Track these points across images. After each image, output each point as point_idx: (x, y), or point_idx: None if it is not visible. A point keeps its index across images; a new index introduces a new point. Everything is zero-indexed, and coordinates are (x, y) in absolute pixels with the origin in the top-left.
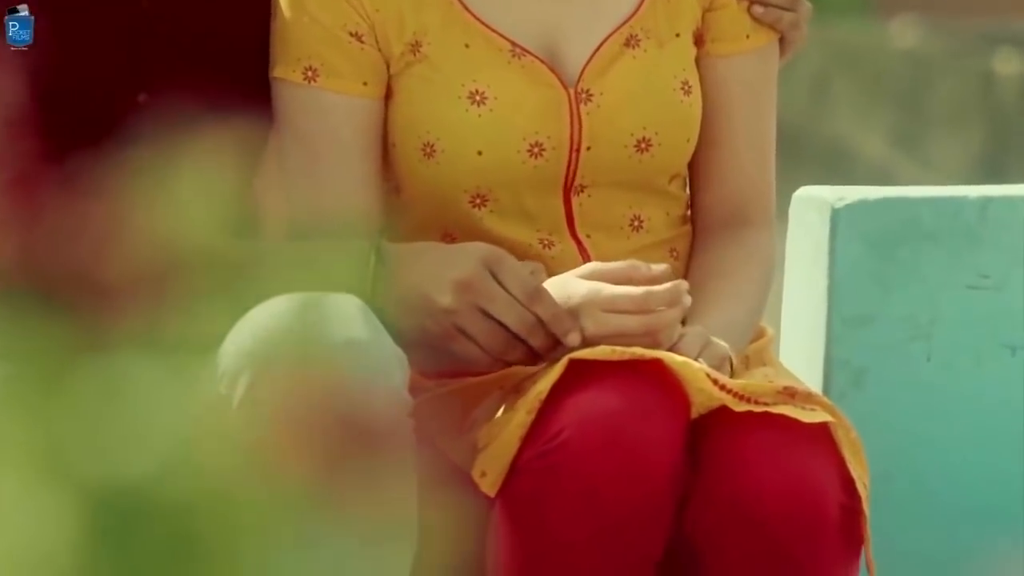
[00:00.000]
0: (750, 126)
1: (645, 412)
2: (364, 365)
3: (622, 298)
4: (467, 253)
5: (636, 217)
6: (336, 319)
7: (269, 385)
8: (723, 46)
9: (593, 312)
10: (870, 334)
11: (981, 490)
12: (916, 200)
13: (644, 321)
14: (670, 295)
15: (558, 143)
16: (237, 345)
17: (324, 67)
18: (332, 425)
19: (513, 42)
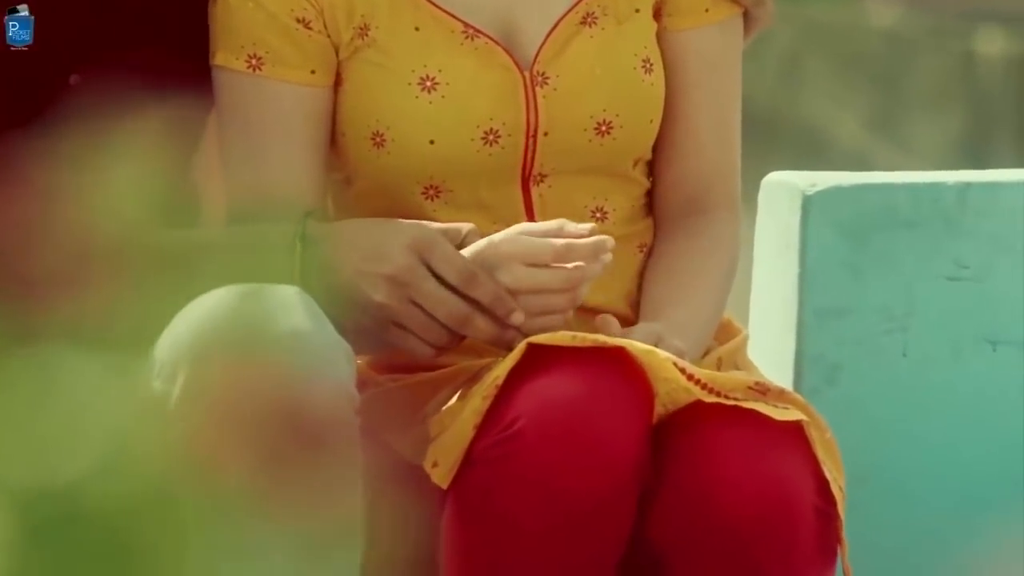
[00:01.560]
0: (711, 104)
1: (606, 400)
2: (308, 358)
3: (543, 250)
4: (396, 242)
5: (599, 208)
6: (278, 310)
7: (208, 380)
8: (681, 19)
9: (512, 265)
10: (844, 327)
11: (961, 491)
12: (892, 186)
13: (563, 275)
14: (592, 249)
15: (514, 129)
16: (174, 339)
17: (269, 55)
18: (274, 422)
19: (465, 23)
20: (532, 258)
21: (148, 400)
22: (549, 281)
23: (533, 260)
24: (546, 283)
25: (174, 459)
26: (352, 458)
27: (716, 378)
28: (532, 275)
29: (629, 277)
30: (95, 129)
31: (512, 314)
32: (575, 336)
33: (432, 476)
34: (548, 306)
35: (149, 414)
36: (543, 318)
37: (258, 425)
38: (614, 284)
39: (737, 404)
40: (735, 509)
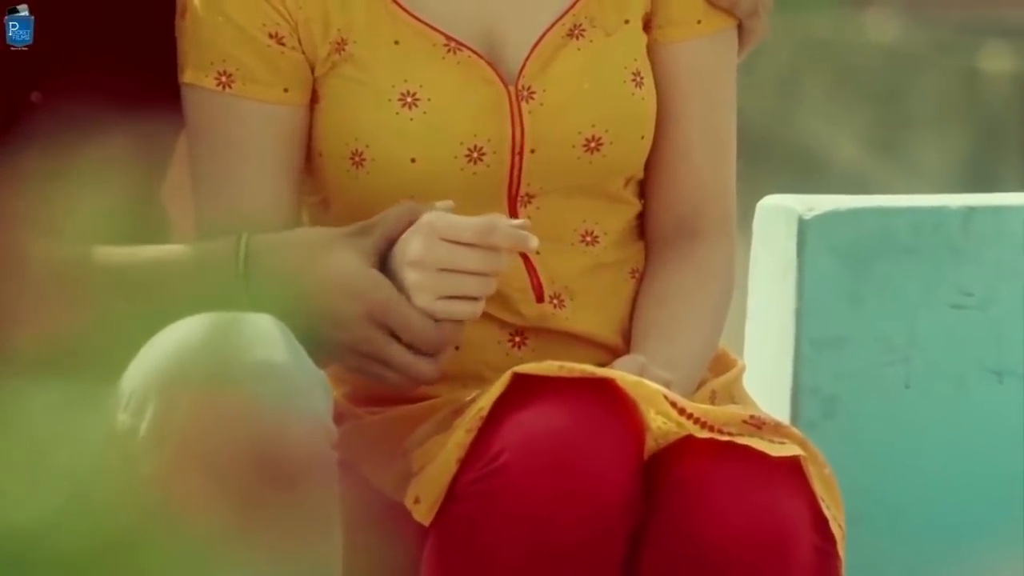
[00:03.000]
0: (703, 121)
1: (595, 433)
2: (282, 390)
3: (463, 228)
4: (349, 311)
5: (589, 232)
6: (251, 339)
7: (178, 413)
8: (672, 31)
9: (431, 240)
10: (842, 358)
11: (966, 528)
12: (893, 210)
13: (478, 256)
14: (514, 235)
15: (499, 146)
16: (142, 369)
17: (240, 72)
18: (247, 458)
19: (447, 35)
20: (451, 234)
21: (113, 434)
22: (462, 259)
23: (451, 236)
24: (458, 261)
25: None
26: (329, 496)
27: (709, 412)
28: (449, 251)
29: (621, 305)
30: (57, 150)
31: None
32: (562, 366)
33: (414, 513)
34: (459, 288)
35: (114, 449)
36: (451, 302)
37: (230, 462)
38: (605, 312)
39: (731, 439)
40: (729, 549)
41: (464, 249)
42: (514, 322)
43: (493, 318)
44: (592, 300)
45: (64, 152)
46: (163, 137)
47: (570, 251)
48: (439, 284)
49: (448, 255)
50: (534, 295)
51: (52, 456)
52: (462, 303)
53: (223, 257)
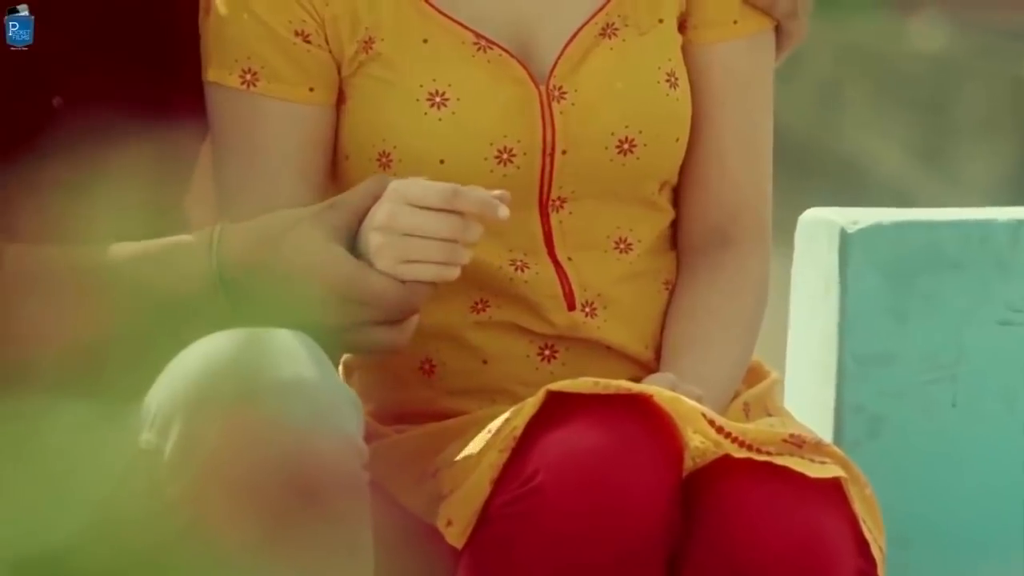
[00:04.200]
0: (737, 126)
1: (631, 452)
2: (312, 408)
3: (429, 192)
4: (317, 289)
5: (623, 239)
6: (279, 356)
7: (205, 432)
8: (707, 32)
9: (396, 204)
10: (887, 376)
11: (1012, 552)
12: (939, 224)
13: (442, 221)
14: (479, 200)
15: (529, 147)
16: (168, 387)
17: (265, 70)
18: (277, 478)
19: (477, 33)
20: (417, 199)
21: (137, 454)
22: (425, 224)
23: (417, 201)
24: (421, 226)
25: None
26: (360, 516)
27: (747, 431)
28: (412, 214)
29: (653, 317)
30: (79, 156)
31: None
32: (597, 383)
33: (447, 535)
34: (421, 252)
35: (138, 469)
36: (415, 265)
37: (258, 481)
38: (637, 323)
39: (770, 459)
40: (769, 571)
41: (429, 213)
42: (544, 332)
43: (522, 330)
44: (624, 310)
45: (86, 158)
46: (186, 144)
47: (603, 258)
48: (401, 247)
49: (411, 219)
50: (565, 303)
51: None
52: (426, 265)
53: (197, 250)
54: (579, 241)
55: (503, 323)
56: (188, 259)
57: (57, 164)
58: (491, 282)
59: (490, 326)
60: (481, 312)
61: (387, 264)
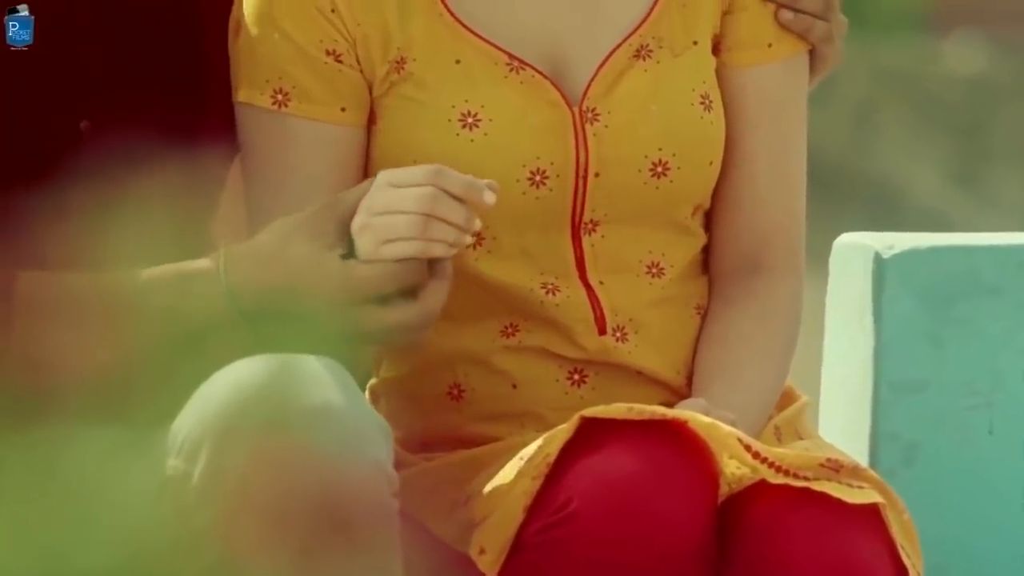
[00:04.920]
0: (771, 150)
1: (666, 478)
2: (341, 435)
3: (414, 173)
4: (320, 299)
5: (655, 264)
6: (308, 382)
7: (234, 459)
8: (742, 54)
9: (379, 188)
10: (923, 403)
11: None
12: (976, 248)
13: (412, 193)
14: (463, 181)
15: (562, 169)
16: (196, 413)
17: (296, 90)
18: (306, 506)
19: (510, 54)
20: (400, 180)
21: (164, 481)
22: (401, 201)
23: (401, 182)
24: (398, 203)
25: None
26: (390, 544)
27: (784, 456)
28: (391, 193)
29: (684, 342)
30: (106, 179)
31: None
32: (632, 408)
33: (479, 564)
34: (396, 229)
35: (165, 496)
36: (394, 244)
37: (288, 509)
38: (668, 348)
39: (807, 485)
40: None
41: (400, 190)
42: (574, 356)
43: (552, 354)
44: (656, 335)
45: (113, 182)
46: (214, 166)
47: (635, 283)
48: (377, 226)
49: (385, 197)
50: (596, 327)
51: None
52: (405, 242)
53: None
54: (611, 265)
55: (533, 347)
56: (202, 285)
57: (84, 188)
58: (522, 305)
59: (520, 350)
60: (511, 336)
61: (368, 247)
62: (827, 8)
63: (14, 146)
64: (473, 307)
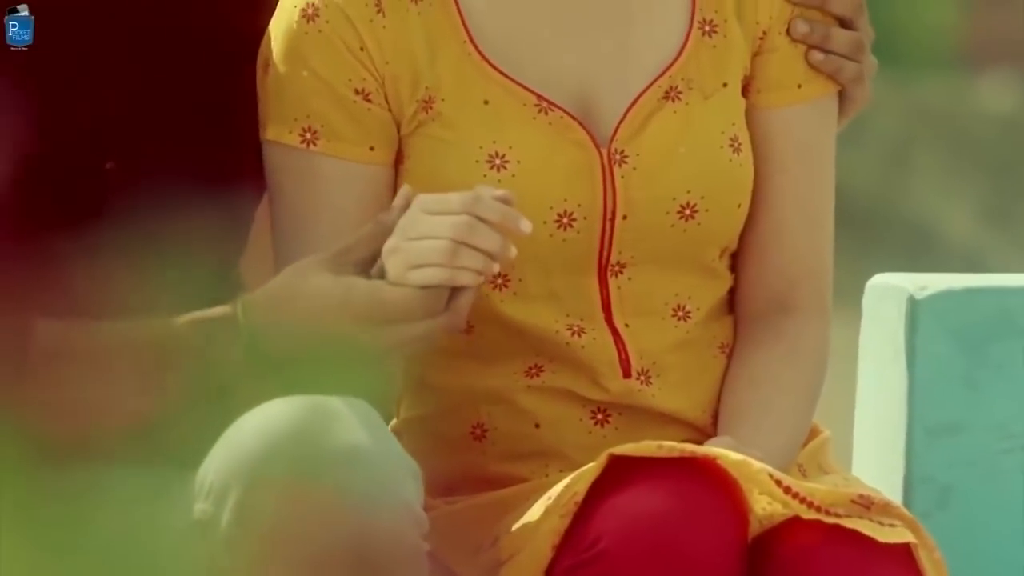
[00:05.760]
0: (798, 191)
1: (697, 516)
2: (371, 478)
3: (450, 199)
4: (343, 324)
5: (681, 307)
6: (337, 424)
7: (263, 502)
8: (771, 96)
9: (413, 212)
10: (957, 446)
11: None
12: (1011, 290)
13: (446, 222)
14: (501, 210)
15: (589, 211)
16: (224, 456)
17: (325, 128)
18: (336, 550)
19: (539, 95)
20: (436, 207)
21: (191, 524)
22: (437, 227)
23: (437, 209)
24: (433, 229)
25: None
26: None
27: (816, 492)
28: (420, 218)
29: (710, 383)
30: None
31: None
32: (661, 445)
33: None
34: (424, 254)
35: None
36: (421, 270)
37: (317, 553)
38: (693, 390)
39: (838, 522)
40: None
41: (435, 216)
42: (597, 398)
43: (574, 395)
44: (680, 377)
45: (139, 223)
46: (242, 206)
47: (660, 325)
48: (406, 251)
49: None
50: (621, 369)
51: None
52: (433, 269)
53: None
54: (637, 307)
55: (557, 388)
56: (222, 331)
57: (110, 229)
58: (547, 347)
59: (543, 390)
60: (535, 376)
61: (396, 271)
62: (857, 49)
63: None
64: (498, 347)
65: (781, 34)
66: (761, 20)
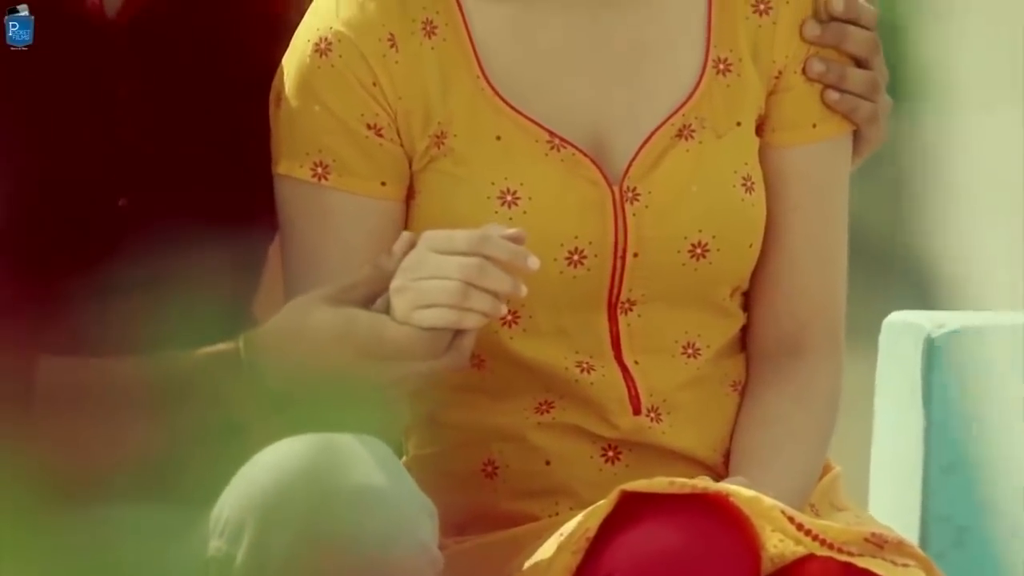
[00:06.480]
0: (811, 231)
1: (709, 553)
2: (386, 517)
3: (457, 237)
4: (343, 357)
5: (691, 344)
6: (353, 463)
7: (278, 541)
8: (785, 135)
9: (420, 251)
10: (974, 484)
11: None
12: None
13: (454, 262)
14: (509, 248)
15: (600, 249)
16: (239, 494)
17: (336, 163)
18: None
19: (551, 131)
20: (444, 245)
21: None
22: (445, 267)
23: (445, 248)
24: (441, 268)
25: None
26: None
27: (828, 529)
28: (428, 257)
29: (721, 421)
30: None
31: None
32: (673, 482)
33: None
34: (433, 296)
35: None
36: (427, 311)
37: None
38: (704, 428)
39: (851, 560)
40: None
41: (443, 256)
42: (608, 435)
43: (585, 432)
44: (691, 415)
45: (152, 261)
46: (255, 245)
47: (670, 363)
48: (414, 291)
49: (427, 262)
50: (631, 407)
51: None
52: (439, 310)
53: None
54: (646, 345)
55: (567, 425)
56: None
57: (122, 266)
58: (556, 383)
59: (553, 427)
60: (545, 413)
61: (402, 310)
62: (873, 89)
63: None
64: (508, 384)
65: (797, 73)
66: (777, 59)
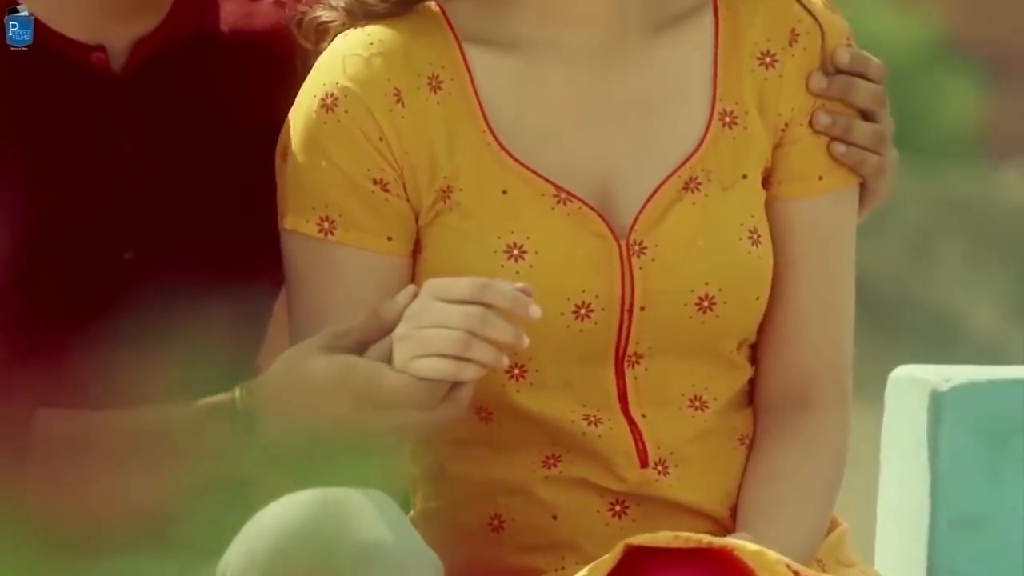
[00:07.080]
0: (818, 284)
1: None
2: (391, 572)
3: (458, 285)
4: (340, 407)
5: (698, 397)
6: (358, 519)
7: None
8: (791, 187)
9: (423, 299)
10: (981, 539)
11: None
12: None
13: (456, 311)
14: (509, 295)
15: (607, 303)
16: (244, 549)
17: (343, 218)
18: None
19: (558, 185)
20: (445, 293)
21: None
22: (446, 316)
23: (445, 295)
24: (442, 318)
25: None
26: None
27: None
28: (430, 306)
29: (728, 474)
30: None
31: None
32: (677, 536)
33: None
34: (434, 345)
35: None
36: (426, 360)
37: None
38: (711, 482)
39: None
40: None
41: (445, 305)
42: (615, 488)
43: (592, 486)
44: (698, 469)
45: (158, 314)
46: (260, 299)
47: (677, 416)
48: (415, 340)
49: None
50: (638, 460)
51: None
52: (438, 360)
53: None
54: (653, 398)
55: (574, 478)
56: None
57: (127, 320)
58: (563, 437)
59: (560, 481)
60: (552, 467)
61: (402, 359)
62: (879, 141)
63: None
64: (514, 437)
65: (803, 126)
66: (783, 112)
